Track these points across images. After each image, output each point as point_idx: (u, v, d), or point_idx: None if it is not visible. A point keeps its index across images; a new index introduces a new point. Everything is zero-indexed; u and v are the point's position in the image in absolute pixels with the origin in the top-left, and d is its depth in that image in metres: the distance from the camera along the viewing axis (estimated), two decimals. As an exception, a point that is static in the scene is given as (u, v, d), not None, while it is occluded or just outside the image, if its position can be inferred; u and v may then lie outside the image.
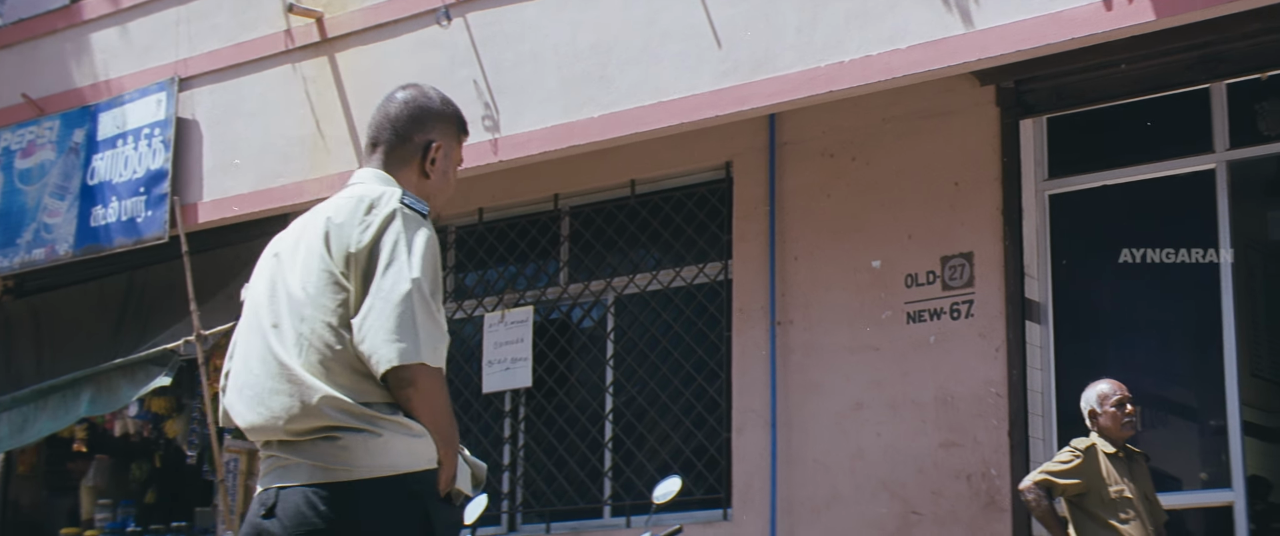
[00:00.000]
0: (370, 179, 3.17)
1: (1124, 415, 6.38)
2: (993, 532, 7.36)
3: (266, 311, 3.10)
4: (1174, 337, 7.74)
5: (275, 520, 2.95)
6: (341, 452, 2.91)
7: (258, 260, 3.29)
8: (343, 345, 2.95)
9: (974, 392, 7.53)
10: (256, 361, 3.07)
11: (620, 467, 8.69)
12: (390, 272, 2.93)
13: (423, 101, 3.28)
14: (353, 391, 2.94)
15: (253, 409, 3.05)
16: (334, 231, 3.02)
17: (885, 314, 7.83)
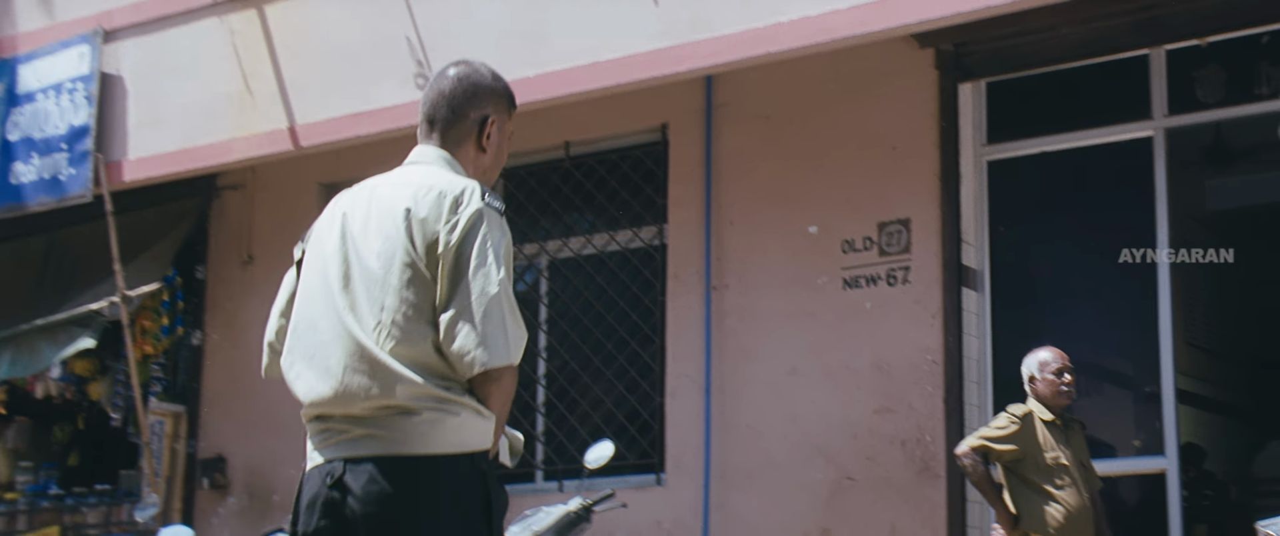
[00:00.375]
0: (435, 159, 3.28)
1: (1061, 383, 6.36)
2: (927, 499, 7.35)
3: (340, 290, 3.18)
4: (1111, 306, 7.72)
5: (345, 490, 3.05)
6: (419, 428, 3.04)
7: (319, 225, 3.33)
8: (422, 333, 3.07)
9: (910, 359, 7.49)
10: (330, 336, 3.15)
11: (553, 432, 8.61)
12: (480, 275, 3.05)
13: (476, 78, 3.36)
14: (430, 374, 3.07)
15: (324, 381, 3.13)
16: (417, 224, 3.12)
17: (821, 279, 7.77)
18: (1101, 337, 7.78)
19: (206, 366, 9.74)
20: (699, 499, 7.90)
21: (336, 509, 3.08)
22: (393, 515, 3.04)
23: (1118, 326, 7.76)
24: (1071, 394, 6.40)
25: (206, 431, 9.64)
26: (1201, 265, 11.26)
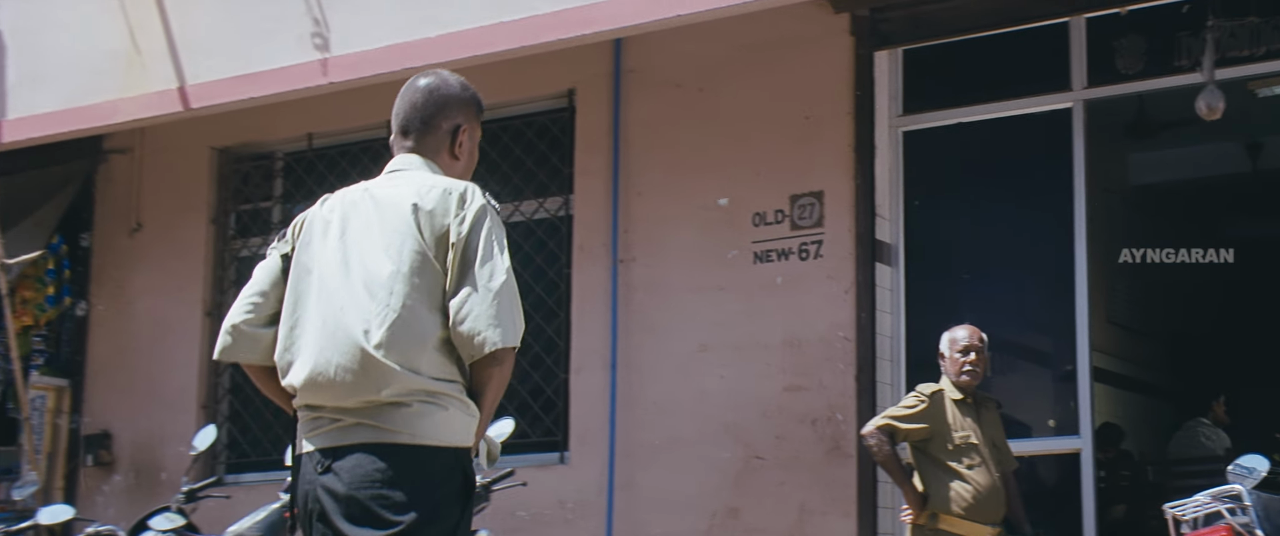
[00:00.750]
0: (420, 165, 3.55)
1: (966, 362, 6.40)
2: (837, 478, 7.39)
3: (340, 291, 3.43)
4: (1028, 281, 7.78)
5: (333, 475, 3.32)
6: (408, 419, 3.30)
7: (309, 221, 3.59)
8: (427, 321, 3.35)
9: (821, 335, 7.53)
10: (327, 334, 3.41)
11: (454, 410, 8.57)
12: (488, 264, 3.35)
13: (445, 90, 3.62)
14: (427, 367, 3.33)
15: (319, 376, 3.38)
16: (425, 217, 3.40)
17: (732, 253, 7.79)
18: (1019, 314, 7.85)
19: (92, 338, 9.61)
20: (604, 477, 7.91)
21: (326, 494, 3.34)
22: (377, 495, 3.30)
23: (1035, 303, 7.83)
24: (977, 373, 6.45)
25: (91, 406, 9.52)
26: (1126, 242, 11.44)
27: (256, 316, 3.57)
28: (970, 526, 6.26)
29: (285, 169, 9.30)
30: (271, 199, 9.35)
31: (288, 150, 9.27)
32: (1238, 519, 5.08)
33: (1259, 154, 11.27)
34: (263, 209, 9.36)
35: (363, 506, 3.30)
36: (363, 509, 3.30)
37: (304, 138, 9.16)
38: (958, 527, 6.26)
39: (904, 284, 7.62)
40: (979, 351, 6.45)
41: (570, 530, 8.00)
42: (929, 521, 6.29)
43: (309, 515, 3.39)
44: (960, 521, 6.26)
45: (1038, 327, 7.79)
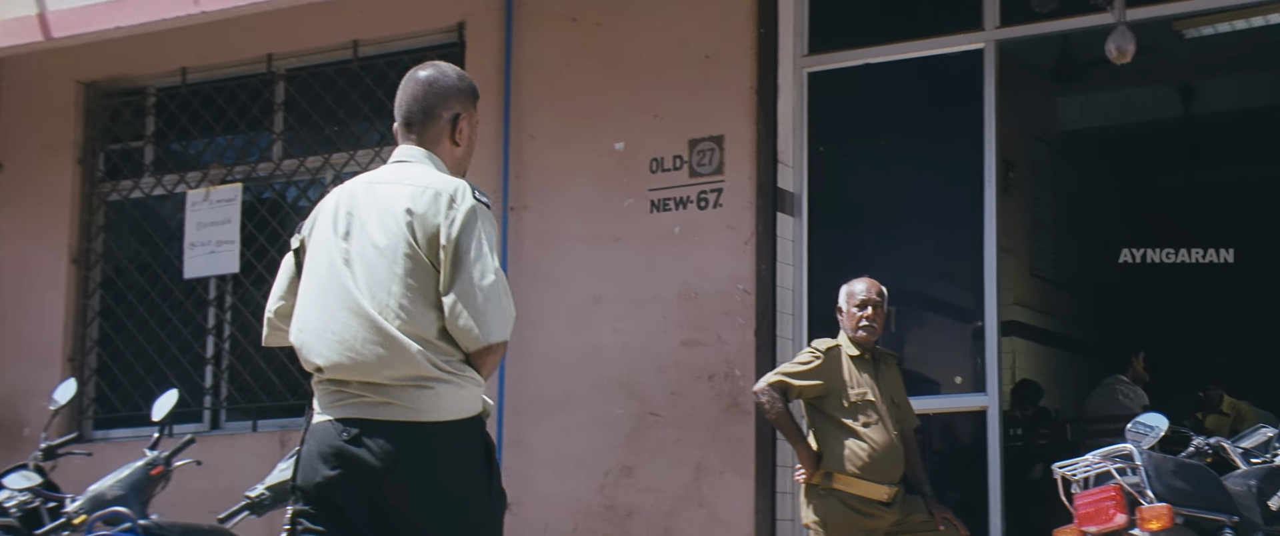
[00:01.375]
0: (421, 158, 4.02)
1: (862, 317, 6.53)
2: (734, 435, 7.52)
3: (350, 275, 3.89)
4: (938, 232, 7.91)
5: (365, 450, 3.79)
6: (432, 399, 3.80)
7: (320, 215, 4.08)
8: (425, 315, 3.83)
9: (720, 288, 7.64)
10: (345, 314, 3.87)
11: (338, 366, 8.63)
12: (478, 264, 3.83)
13: (443, 81, 4.08)
14: (436, 351, 3.83)
15: (342, 353, 3.85)
16: (417, 220, 3.86)
17: (628, 201, 7.87)
18: (928, 266, 7.97)
19: (-50, 287, 9.58)
20: (492, 433, 7.99)
21: (355, 463, 3.80)
22: (411, 472, 3.79)
23: (945, 255, 7.95)
24: (874, 329, 6.57)
25: (-51, 359, 9.50)
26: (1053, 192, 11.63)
27: (283, 307, 4.12)
28: (866, 486, 6.39)
29: (158, 106, 9.28)
30: (143, 138, 9.33)
31: (160, 86, 9.24)
32: (1128, 479, 5.24)
33: (1192, 98, 11.48)
34: (134, 148, 9.34)
35: (401, 485, 3.79)
36: (402, 488, 3.79)
37: (177, 72, 9.14)
38: (853, 487, 6.39)
39: (807, 235, 7.73)
40: (877, 306, 6.58)
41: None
42: (823, 481, 6.42)
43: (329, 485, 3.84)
44: (855, 481, 6.39)
45: (947, 280, 7.93)
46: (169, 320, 9.05)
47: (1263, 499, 5.58)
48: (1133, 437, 5.91)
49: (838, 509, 6.40)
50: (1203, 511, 5.34)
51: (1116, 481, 5.25)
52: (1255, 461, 5.86)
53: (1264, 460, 5.83)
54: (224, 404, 8.91)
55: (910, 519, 6.52)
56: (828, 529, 6.43)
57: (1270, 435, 5.97)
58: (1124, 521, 5.19)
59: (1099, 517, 5.22)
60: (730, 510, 7.50)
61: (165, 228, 9.18)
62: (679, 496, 7.60)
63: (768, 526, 7.49)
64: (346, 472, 3.81)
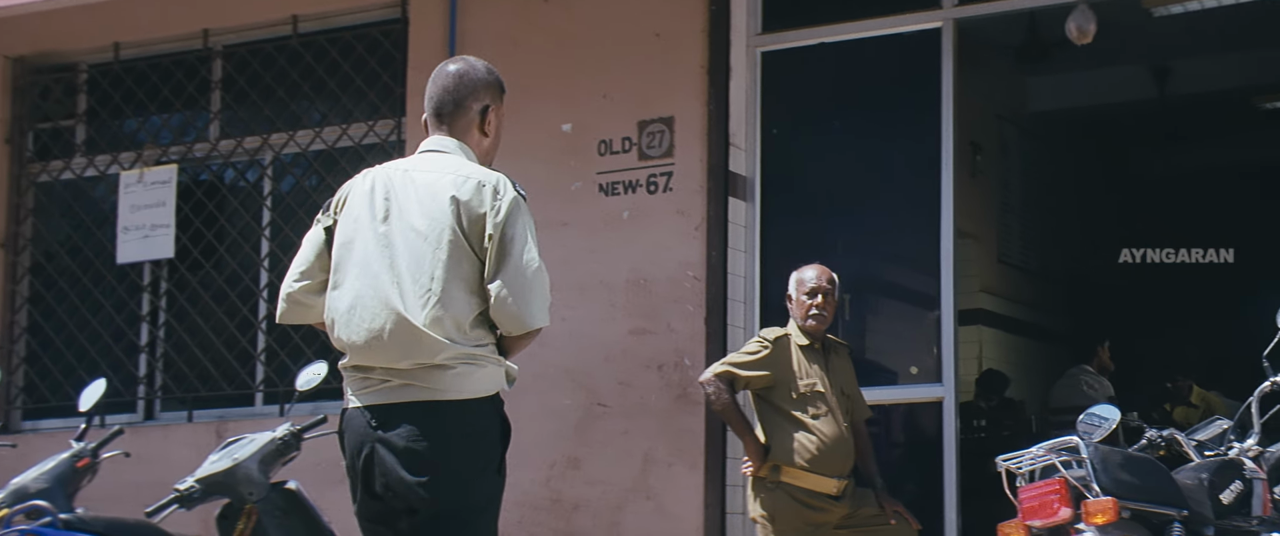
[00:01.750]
0: (454, 148, 4.43)
1: (812, 305, 6.63)
2: (684, 427, 7.63)
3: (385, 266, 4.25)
4: (894, 217, 8.01)
5: (389, 430, 4.19)
6: (452, 380, 4.19)
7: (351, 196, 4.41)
8: (466, 302, 4.21)
9: (670, 275, 7.75)
10: (374, 305, 4.23)
11: (275, 350, 8.71)
12: (523, 253, 4.22)
13: (473, 74, 4.50)
14: (463, 336, 4.20)
15: (370, 342, 4.22)
16: (463, 208, 4.24)
17: (575, 185, 7.97)
18: (884, 252, 8.10)
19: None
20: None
21: (383, 444, 4.21)
22: (430, 449, 4.17)
23: (902, 240, 8.05)
24: (824, 317, 6.67)
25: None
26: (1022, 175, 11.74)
27: (310, 284, 4.44)
28: (814, 479, 6.50)
29: (90, 83, 9.33)
30: (74, 117, 9.38)
31: (92, 62, 9.30)
32: (1073, 472, 5.35)
33: (1165, 79, 11.62)
34: (65, 128, 9.40)
35: (422, 459, 4.18)
36: (423, 461, 4.18)
37: (110, 48, 9.19)
38: (801, 480, 6.50)
39: (759, 219, 7.86)
40: (827, 294, 6.68)
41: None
42: (771, 474, 6.53)
43: (363, 464, 4.26)
44: (804, 474, 6.50)
45: (904, 267, 8.04)
46: (101, 307, 9.12)
47: (1215, 492, 5.69)
48: (1084, 429, 6.03)
49: (786, 502, 6.51)
50: (1151, 505, 5.45)
51: (1062, 474, 5.36)
52: (1209, 454, 5.98)
53: (1218, 453, 5.95)
54: (158, 393, 8.99)
55: (860, 512, 6.63)
56: (775, 522, 6.54)
57: (1225, 427, 6.09)
58: (1069, 515, 5.30)
59: (1043, 511, 5.33)
60: (679, 503, 7.62)
61: (97, 210, 9.24)
62: (627, 489, 7.72)
63: (717, 519, 7.61)
64: (377, 454, 4.23)
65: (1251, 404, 5.88)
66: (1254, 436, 5.85)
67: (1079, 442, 5.40)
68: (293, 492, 6.29)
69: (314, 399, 8.18)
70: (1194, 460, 5.98)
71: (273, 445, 6.32)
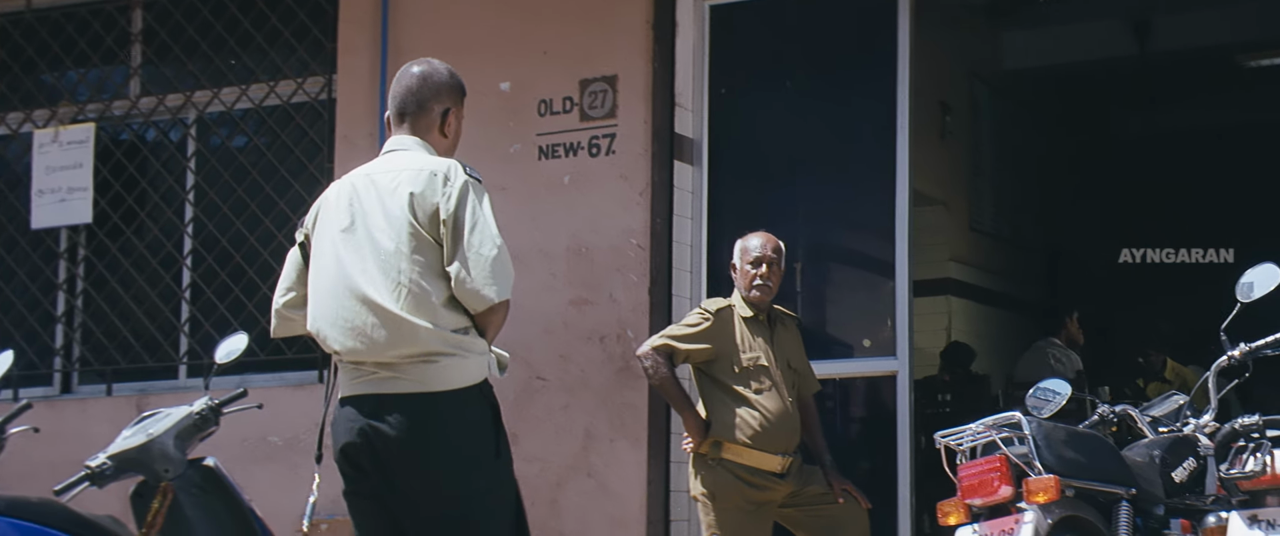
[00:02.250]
0: (413, 145, 4.91)
1: (755, 275, 6.76)
2: (626, 401, 7.76)
3: (357, 267, 4.74)
4: (849, 182, 8.14)
5: (381, 423, 4.66)
6: (440, 371, 4.65)
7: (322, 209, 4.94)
8: (434, 288, 4.67)
9: (612, 243, 7.86)
10: (353, 302, 4.72)
11: (199, 320, 8.81)
12: (476, 232, 4.67)
13: (436, 77, 5.01)
14: (441, 323, 4.66)
15: (355, 339, 4.71)
16: (417, 200, 4.71)
17: (514, 147, 8.07)
18: (838, 219, 8.23)
19: None
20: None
21: (373, 434, 4.68)
22: (421, 439, 4.64)
23: (857, 206, 8.18)
24: (768, 288, 6.80)
25: None
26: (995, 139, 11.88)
27: (293, 298, 5.00)
28: (757, 456, 6.64)
29: (1, 35, 9.37)
30: (-11, 72, 9.45)
31: (3, 12, 9.32)
32: (1015, 449, 5.50)
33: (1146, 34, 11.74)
34: (-24, 84, 9.45)
35: (414, 451, 4.64)
36: (415, 453, 4.64)
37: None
38: (743, 457, 6.64)
39: (707, 185, 7.97)
40: (773, 263, 6.81)
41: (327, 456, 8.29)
42: (711, 450, 6.67)
43: (352, 449, 4.74)
44: (746, 450, 6.64)
45: (859, 234, 8.17)
46: (14, 274, 9.19)
47: (1166, 470, 5.84)
48: (1034, 404, 6.19)
49: (727, 480, 6.65)
50: (1096, 483, 5.59)
51: (1002, 452, 5.50)
52: (1163, 430, 6.13)
53: (1172, 429, 6.11)
54: (76, 366, 9.08)
55: (806, 490, 6.77)
56: (716, 501, 6.68)
57: (1181, 402, 6.24)
58: (1009, 494, 5.44)
59: (983, 489, 5.47)
60: (621, 480, 7.76)
61: (9, 172, 9.31)
62: (566, 466, 7.85)
63: (661, 497, 7.75)
64: (367, 443, 4.70)
65: (1208, 379, 6.00)
66: (1210, 412, 5.97)
67: (1021, 418, 5.54)
68: (211, 470, 6.34)
69: (239, 372, 8.36)
70: (1148, 436, 6.14)
71: (190, 420, 6.34)
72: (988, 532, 5.44)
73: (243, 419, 7.53)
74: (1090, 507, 5.63)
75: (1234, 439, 5.44)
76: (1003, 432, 5.55)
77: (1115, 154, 13.00)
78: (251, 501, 6.43)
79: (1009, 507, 5.51)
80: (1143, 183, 12.68)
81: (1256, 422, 5.38)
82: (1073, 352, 9.67)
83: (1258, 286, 6.02)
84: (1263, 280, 6.04)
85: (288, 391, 8.46)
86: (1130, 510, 5.62)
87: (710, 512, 6.72)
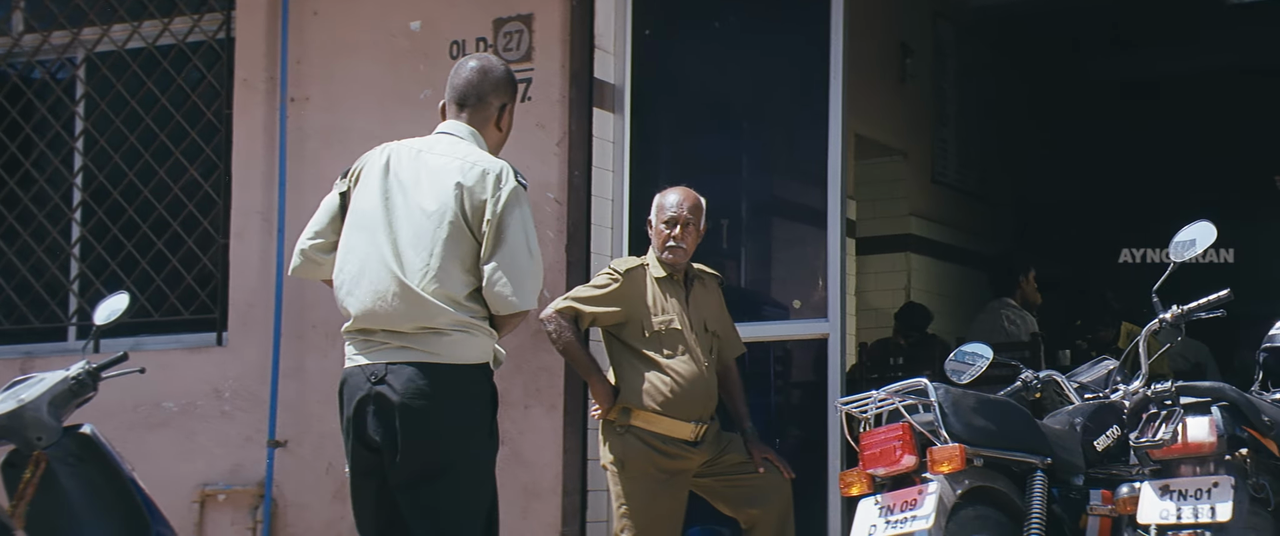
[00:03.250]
0: (467, 135, 5.64)
1: (670, 236, 7.02)
2: (541, 365, 8.00)
3: (388, 239, 5.44)
4: (782, 131, 8.38)
5: (387, 386, 5.37)
6: (446, 345, 5.39)
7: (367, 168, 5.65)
8: (457, 276, 5.39)
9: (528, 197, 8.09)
10: (378, 273, 5.43)
11: (89, 278, 9.05)
12: (520, 239, 5.42)
13: (495, 72, 5.71)
14: (457, 306, 5.39)
15: (371, 304, 5.43)
16: (466, 193, 5.43)
17: (424, 93, 8.26)
18: (770, 172, 8.48)
19: None
20: (267, 362, 8.48)
21: (379, 399, 5.39)
22: (424, 404, 5.36)
23: (791, 157, 8.43)
24: (682, 250, 7.06)
25: None
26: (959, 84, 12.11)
27: (322, 243, 5.67)
28: (668, 423, 6.93)
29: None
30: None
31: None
32: (920, 417, 5.77)
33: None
34: None
35: (415, 413, 5.36)
36: (415, 415, 5.36)
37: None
38: (654, 424, 6.93)
39: (629, 135, 8.21)
40: (689, 223, 7.06)
41: (227, 423, 8.59)
42: (620, 417, 6.97)
43: (357, 417, 5.45)
44: (657, 417, 6.93)
45: (792, 187, 8.40)
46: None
47: (1088, 437, 6.12)
48: (954, 369, 6.47)
49: (637, 448, 6.95)
50: (1008, 452, 5.85)
51: (906, 420, 5.75)
52: (1089, 397, 6.41)
53: (1099, 396, 6.38)
54: (-44, 327, 9.28)
55: (724, 458, 7.07)
56: (626, 469, 6.98)
57: (1111, 368, 6.51)
58: (913, 463, 5.69)
59: (885, 459, 5.73)
60: (535, 449, 8.04)
61: (-117, 117, 9.48)
62: (477, 435, 8.10)
63: (577, 466, 8.03)
64: (374, 408, 5.41)
65: (1138, 343, 6.21)
66: (1141, 378, 6.17)
67: (927, 385, 5.79)
68: (88, 438, 6.52)
69: (132, 333, 8.64)
70: (1074, 403, 6.41)
71: (65, 385, 6.52)
72: (890, 504, 5.67)
73: (135, 383, 7.77)
74: (1003, 478, 5.89)
75: (1146, 406, 5.66)
76: (908, 399, 5.80)
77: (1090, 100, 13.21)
78: (134, 471, 6.65)
79: (913, 478, 5.75)
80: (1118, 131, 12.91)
81: (1169, 389, 5.61)
82: (1028, 314, 9.85)
83: (1199, 242, 6.18)
84: (1202, 237, 6.21)
85: (184, 354, 8.74)
86: (1045, 480, 5.86)
87: (620, 482, 7.01)
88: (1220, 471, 5.54)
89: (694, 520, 7.57)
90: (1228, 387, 5.68)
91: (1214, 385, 5.70)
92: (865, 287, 11.47)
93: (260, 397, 8.53)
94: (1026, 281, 9.97)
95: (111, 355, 6.85)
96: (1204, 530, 5.44)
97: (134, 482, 6.58)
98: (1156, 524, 5.51)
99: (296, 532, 8.45)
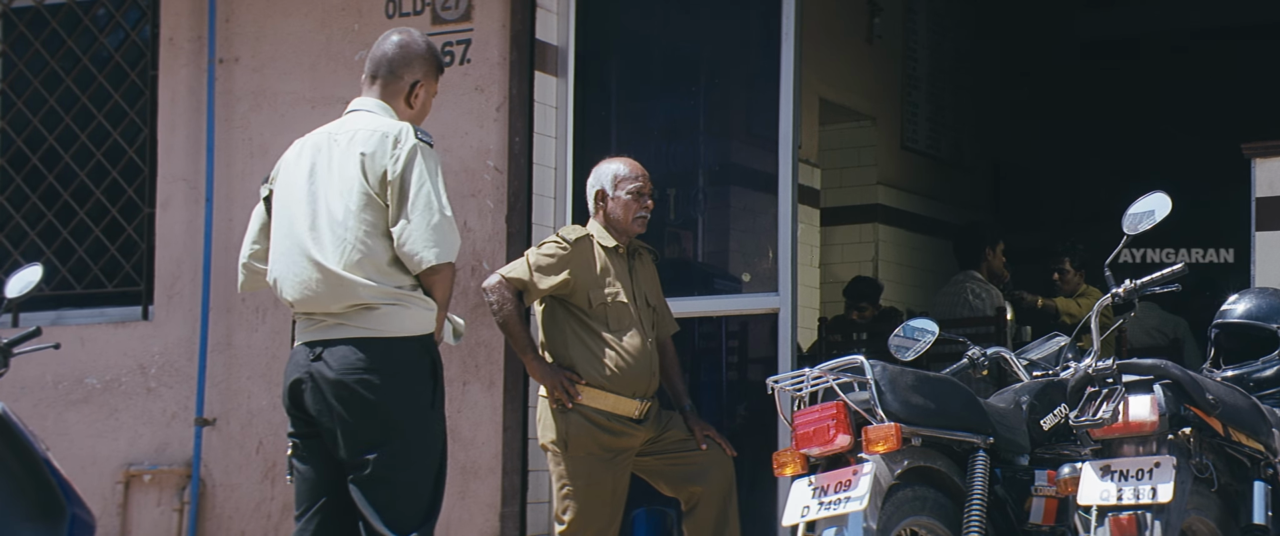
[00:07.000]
0: (375, 107, 6.01)
1: (640, 207, 7.25)
2: (480, 340, 8.25)
3: (308, 229, 5.85)
4: (734, 95, 8.58)
5: (323, 363, 5.81)
6: (379, 319, 5.79)
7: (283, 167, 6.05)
8: (380, 247, 5.77)
9: (465, 164, 8.32)
10: (302, 262, 5.85)
11: (7, 248, 9.24)
12: (422, 195, 5.73)
13: (414, 47, 6.05)
14: (384, 278, 5.78)
15: (300, 293, 5.88)
16: (368, 161, 5.79)
17: (360, 54, 8.40)
18: (721, 138, 8.68)
19: None
20: (195, 337, 8.72)
21: (318, 376, 5.83)
22: (360, 379, 5.77)
23: (743, 122, 8.64)
24: (647, 221, 7.31)
25: None
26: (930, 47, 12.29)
27: (258, 251, 6.11)
28: (613, 400, 7.14)
29: None
30: None
31: None
32: (855, 395, 5.97)
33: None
34: None
35: (350, 388, 5.78)
36: (350, 390, 5.78)
37: None
38: (598, 401, 7.14)
39: (573, 99, 8.42)
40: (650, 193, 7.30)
41: (153, 400, 8.81)
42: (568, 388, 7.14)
43: (294, 390, 5.90)
44: (600, 394, 7.13)
45: (743, 154, 8.61)
46: None
47: (1034, 416, 6.34)
48: (898, 345, 6.69)
49: (580, 425, 7.15)
50: (948, 431, 6.05)
51: (841, 398, 5.95)
52: (1038, 375, 6.62)
53: (1048, 373, 6.59)
54: (-126, 301, 9.44)
55: (666, 436, 7.30)
56: (569, 449, 7.18)
57: (1063, 344, 6.73)
58: (847, 443, 5.87)
59: (819, 438, 5.91)
60: (474, 428, 8.30)
61: None
62: (413, 412, 8.31)
63: (518, 445, 8.29)
64: (313, 385, 5.84)
65: (1090, 318, 6.39)
66: (1092, 354, 6.35)
67: (863, 361, 6.00)
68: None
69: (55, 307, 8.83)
70: (1023, 380, 6.64)
71: None
72: (823, 485, 5.86)
73: (56, 359, 8.02)
74: (944, 458, 6.11)
75: (1088, 384, 5.88)
76: (842, 377, 6.00)
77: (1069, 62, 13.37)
78: (49, 450, 6.78)
79: (848, 458, 5.93)
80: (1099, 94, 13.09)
81: (1110, 367, 5.83)
82: (993, 287, 9.99)
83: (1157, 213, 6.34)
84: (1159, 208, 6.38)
85: (107, 329, 8.95)
86: (987, 460, 6.07)
87: (562, 462, 7.21)
88: (1162, 451, 5.74)
89: (638, 502, 7.81)
90: (1171, 365, 5.89)
91: (1156, 362, 5.91)
92: (831, 260, 11.65)
93: (187, 373, 8.76)
94: (994, 253, 10.06)
95: (25, 330, 7.01)
96: (1144, 511, 5.65)
97: (48, 463, 6.58)
98: (1098, 505, 5.71)
99: (225, 513, 8.68)
